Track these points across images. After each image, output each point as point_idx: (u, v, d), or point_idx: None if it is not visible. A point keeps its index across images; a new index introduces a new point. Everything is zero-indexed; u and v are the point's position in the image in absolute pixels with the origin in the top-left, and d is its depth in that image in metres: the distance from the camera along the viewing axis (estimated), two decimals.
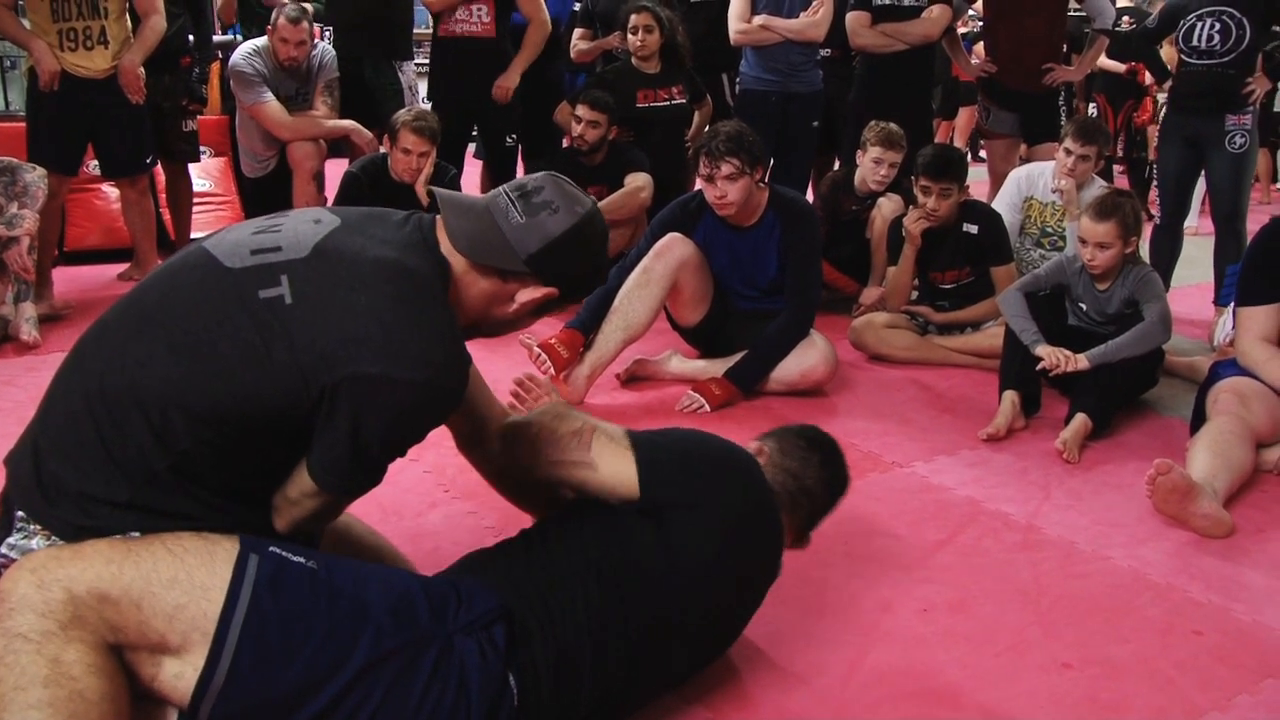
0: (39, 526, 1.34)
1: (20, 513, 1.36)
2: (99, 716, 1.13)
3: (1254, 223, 3.82)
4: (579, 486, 1.68)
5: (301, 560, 1.30)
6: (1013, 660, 1.87)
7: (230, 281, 1.39)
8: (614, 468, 1.62)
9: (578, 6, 4.95)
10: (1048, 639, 1.94)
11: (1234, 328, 2.93)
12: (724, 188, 3.17)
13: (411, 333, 1.38)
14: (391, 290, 1.40)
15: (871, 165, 4.05)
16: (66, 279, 4.32)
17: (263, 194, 4.73)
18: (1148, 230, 3.92)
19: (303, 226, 1.47)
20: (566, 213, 1.53)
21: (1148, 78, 6.57)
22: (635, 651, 1.52)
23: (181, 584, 1.20)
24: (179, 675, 1.19)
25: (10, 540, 1.36)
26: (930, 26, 4.45)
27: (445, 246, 1.52)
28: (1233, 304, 3.02)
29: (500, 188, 1.58)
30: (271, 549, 1.29)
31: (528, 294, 1.56)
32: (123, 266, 4.57)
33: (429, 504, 2.41)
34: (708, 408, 3.12)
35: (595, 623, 1.48)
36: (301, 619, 1.24)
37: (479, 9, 4.38)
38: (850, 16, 4.45)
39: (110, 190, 4.79)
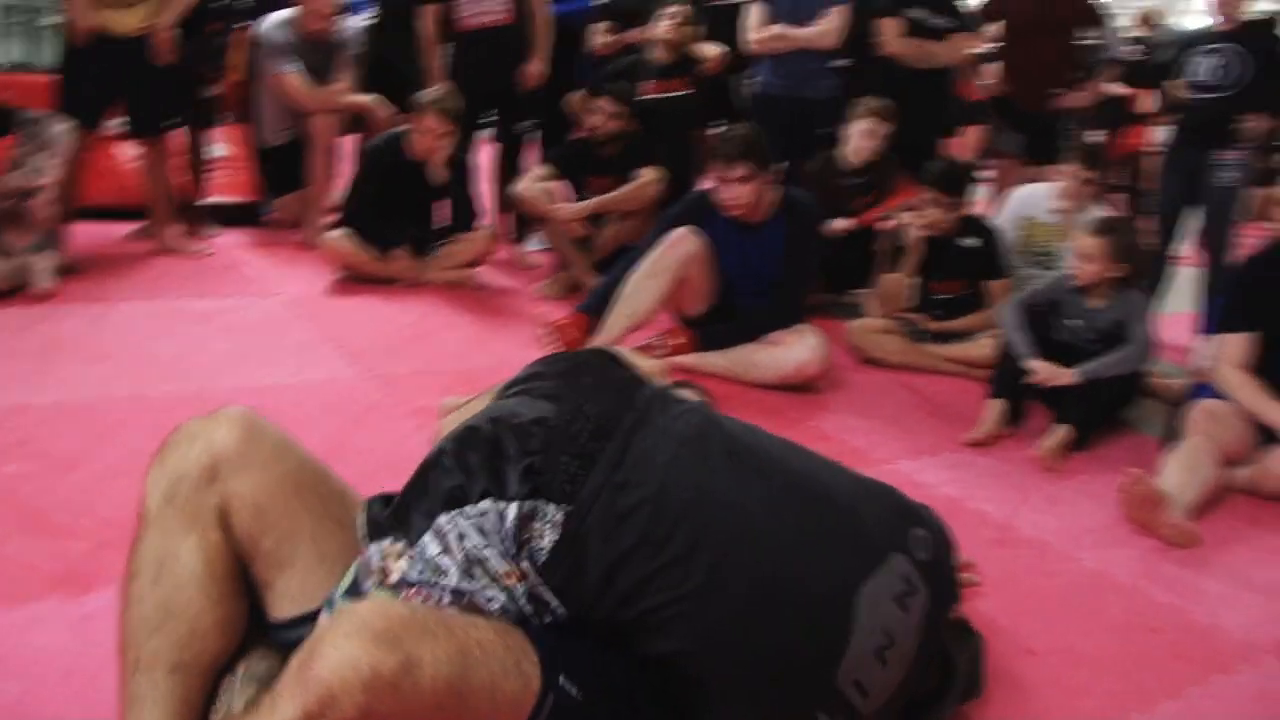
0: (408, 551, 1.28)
1: (408, 538, 1.29)
2: None
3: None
4: None
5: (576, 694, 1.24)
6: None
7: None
8: None
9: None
10: (1015, 627, 2.04)
11: (1214, 353, 3.04)
12: (736, 190, 3.28)
13: None
14: None
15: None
16: (77, 234, 4.38)
17: (278, 162, 4.82)
18: None
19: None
20: None
21: (1148, 105, 6.64)
22: None
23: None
24: None
25: (383, 544, 1.29)
26: (956, 53, 4.56)
27: None
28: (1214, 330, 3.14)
29: None
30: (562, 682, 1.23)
31: None
32: (132, 225, 4.63)
33: None
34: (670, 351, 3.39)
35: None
36: None
37: None
38: (884, 23, 4.48)
39: (123, 149, 4.83)
